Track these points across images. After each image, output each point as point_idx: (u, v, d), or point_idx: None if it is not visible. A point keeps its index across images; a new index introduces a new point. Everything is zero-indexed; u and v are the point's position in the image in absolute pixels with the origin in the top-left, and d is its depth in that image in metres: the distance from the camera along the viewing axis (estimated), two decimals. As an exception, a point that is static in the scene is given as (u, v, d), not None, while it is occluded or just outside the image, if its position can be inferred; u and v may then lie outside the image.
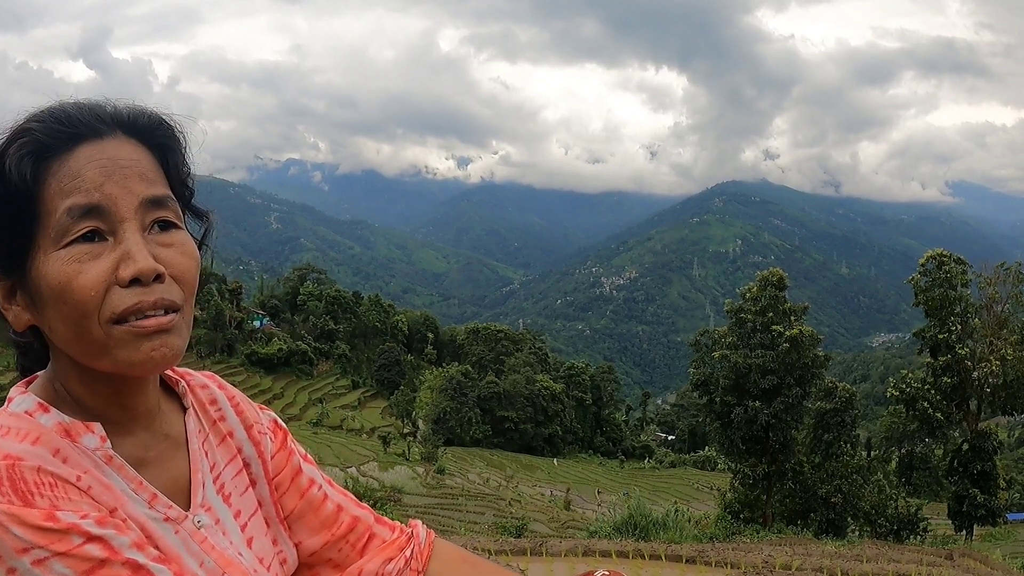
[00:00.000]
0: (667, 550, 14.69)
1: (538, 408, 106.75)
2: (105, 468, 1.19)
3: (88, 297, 1.12)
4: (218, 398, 1.48)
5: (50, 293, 1.15)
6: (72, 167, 1.16)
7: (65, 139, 1.18)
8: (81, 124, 1.19)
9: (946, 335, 38.79)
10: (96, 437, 1.20)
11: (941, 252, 40.28)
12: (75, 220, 1.14)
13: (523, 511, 54.94)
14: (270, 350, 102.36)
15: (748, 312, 41.06)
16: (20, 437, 1.14)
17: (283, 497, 1.49)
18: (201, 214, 1.36)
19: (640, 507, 23.58)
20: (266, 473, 1.48)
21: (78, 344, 1.17)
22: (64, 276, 1.13)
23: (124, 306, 1.14)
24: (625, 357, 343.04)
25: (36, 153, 1.16)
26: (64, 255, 1.13)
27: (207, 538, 1.28)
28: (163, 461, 1.31)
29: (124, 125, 1.24)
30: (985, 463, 38.80)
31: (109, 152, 1.19)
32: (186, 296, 1.21)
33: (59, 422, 1.19)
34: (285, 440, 1.54)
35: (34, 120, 1.19)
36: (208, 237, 1.37)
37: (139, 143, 1.24)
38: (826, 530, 36.67)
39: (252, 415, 1.51)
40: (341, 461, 67.46)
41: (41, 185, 1.16)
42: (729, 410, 40.43)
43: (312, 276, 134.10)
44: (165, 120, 1.29)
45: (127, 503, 1.19)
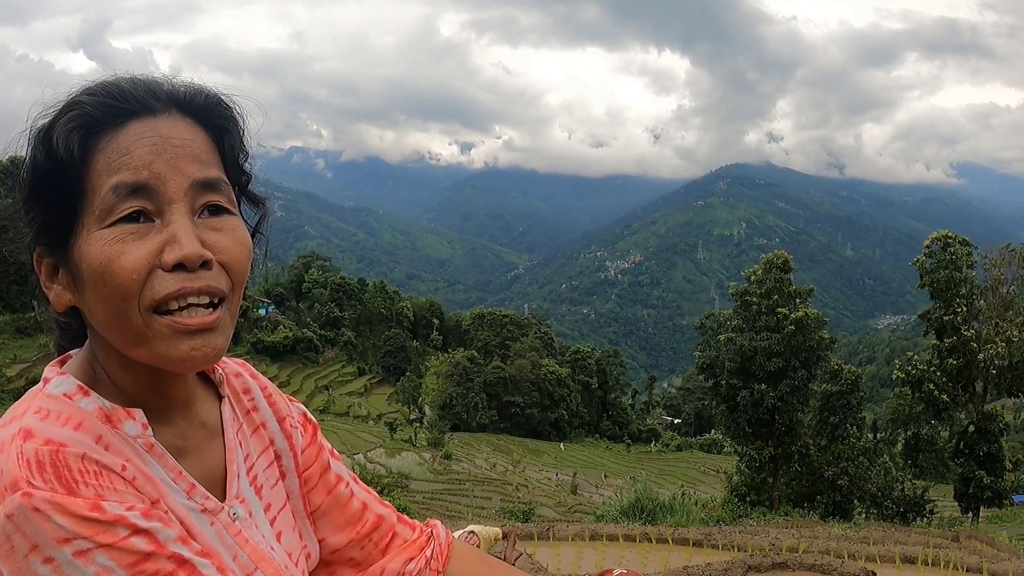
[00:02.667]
0: (674, 533, 14.73)
1: (544, 393, 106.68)
2: (146, 456, 1.16)
3: (129, 280, 1.09)
4: (251, 387, 1.45)
5: (91, 274, 1.11)
6: (121, 143, 1.13)
7: (116, 114, 1.14)
8: (134, 100, 1.15)
9: (952, 317, 38.72)
10: (138, 424, 1.17)
11: (946, 234, 40.18)
12: (121, 198, 1.10)
13: (530, 496, 54.98)
14: (276, 338, 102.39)
15: (753, 295, 41.01)
16: (62, 421, 1.10)
17: (311, 492, 1.47)
18: (258, 200, 1.33)
19: (647, 491, 23.65)
20: (296, 467, 1.45)
21: (116, 329, 1.13)
22: (106, 256, 1.09)
23: (166, 291, 1.10)
24: (630, 341, 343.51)
25: (85, 127, 1.13)
26: (107, 234, 1.10)
27: (241, 531, 1.26)
28: (200, 451, 1.28)
29: (180, 103, 1.19)
30: (991, 445, 38.75)
31: (161, 130, 1.15)
32: (234, 285, 1.17)
33: (100, 407, 1.16)
34: (315, 434, 1.52)
35: (86, 93, 1.15)
36: (263, 225, 1.34)
37: (195, 123, 1.20)
38: (832, 512, 36.68)
39: (284, 407, 1.49)
40: (348, 448, 67.46)
41: (89, 160, 1.13)
42: (735, 393, 40.41)
43: (317, 263, 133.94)
44: (224, 100, 1.25)
45: (168, 494, 1.16)
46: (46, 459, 1.04)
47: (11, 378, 67.86)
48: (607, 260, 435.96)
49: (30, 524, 1.00)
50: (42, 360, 55.44)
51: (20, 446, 1.06)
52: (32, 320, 76.96)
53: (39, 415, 1.12)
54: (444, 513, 38.23)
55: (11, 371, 69.94)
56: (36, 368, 69.27)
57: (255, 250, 1.27)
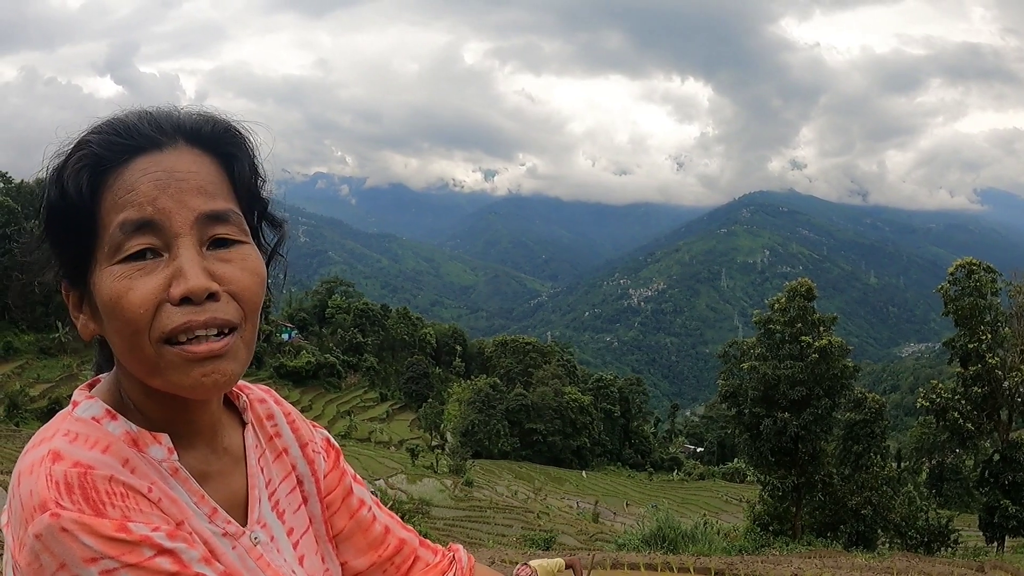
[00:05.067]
0: (696, 563, 14.69)
1: (566, 420, 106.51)
2: (171, 480, 1.19)
3: (137, 314, 1.11)
4: (275, 414, 1.48)
5: (104, 308, 1.14)
6: (127, 180, 1.15)
7: (122, 151, 1.16)
8: (139, 135, 1.17)
9: (976, 344, 38.49)
10: (163, 448, 1.20)
11: (970, 260, 40.02)
12: (128, 235, 1.13)
13: (551, 524, 54.87)
14: (298, 363, 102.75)
15: (776, 323, 40.95)
16: (90, 444, 1.13)
17: (333, 517, 1.49)
18: (277, 223, 1.34)
19: (669, 519, 23.59)
20: (318, 491, 1.47)
21: (132, 359, 1.16)
22: (115, 292, 1.12)
23: (173, 325, 1.12)
24: (653, 369, 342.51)
25: (93, 166, 1.15)
26: (117, 271, 1.13)
27: (263, 555, 1.28)
28: (223, 476, 1.31)
29: (187, 134, 1.21)
30: (1017, 474, 38.41)
31: (166, 164, 1.17)
32: (246, 314, 1.19)
33: (127, 431, 1.19)
34: (338, 460, 1.54)
35: (93, 132, 1.18)
36: (280, 247, 1.35)
37: (203, 153, 1.21)
38: (856, 542, 36.46)
39: (307, 433, 1.51)
40: (369, 474, 67.48)
41: (98, 199, 1.15)
42: (758, 421, 40.28)
43: (340, 289, 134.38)
44: (233, 127, 1.26)
45: (191, 517, 1.18)
46: (74, 481, 1.06)
47: (34, 398, 68.24)
48: (630, 288, 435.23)
49: (58, 544, 1.02)
50: (65, 380, 55.52)
51: (49, 467, 1.08)
52: (56, 341, 77.48)
53: (67, 438, 1.14)
54: (464, 540, 38.14)
55: (34, 391, 70.33)
56: (59, 388, 69.79)
57: (275, 272, 1.32)
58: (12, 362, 76.74)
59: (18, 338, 79.95)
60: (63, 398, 66.84)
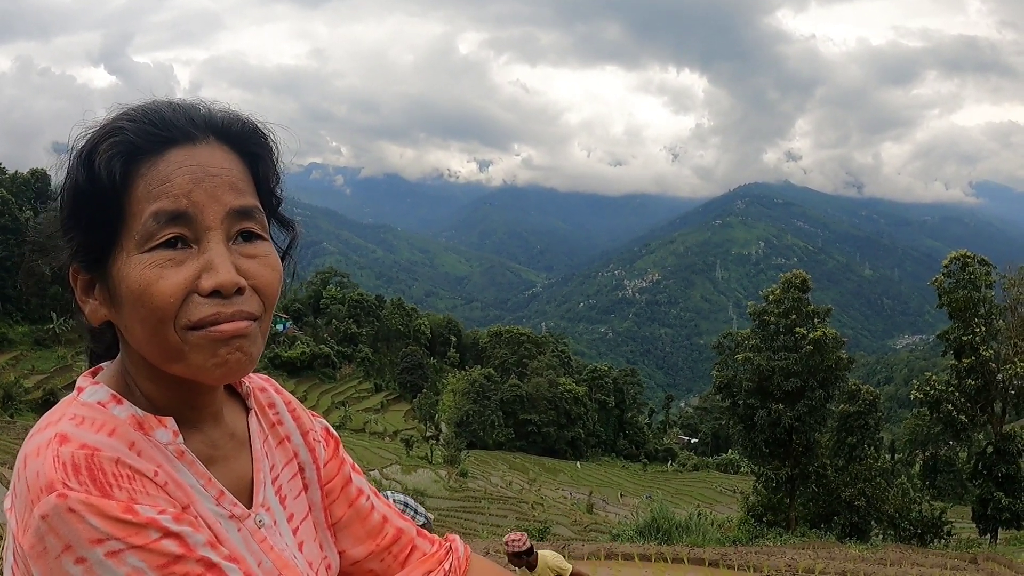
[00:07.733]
0: (690, 553, 14.72)
1: (561, 411, 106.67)
2: (176, 463, 1.20)
3: (167, 304, 1.12)
4: (276, 401, 1.50)
5: (129, 295, 1.14)
6: (162, 171, 1.16)
7: (157, 141, 1.17)
8: (174, 127, 1.18)
9: (970, 337, 38.53)
10: (169, 432, 1.21)
11: (965, 253, 40.03)
12: (161, 225, 1.14)
13: (546, 514, 54.98)
14: (293, 353, 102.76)
15: (771, 314, 40.95)
16: (96, 428, 1.14)
17: (332, 505, 1.50)
18: (287, 224, 1.36)
19: (663, 510, 23.66)
20: (319, 479, 1.48)
21: (153, 347, 1.16)
22: (145, 280, 1.13)
23: (201, 316, 1.13)
24: (648, 360, 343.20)
25: (126, 154, 1.15)
26: (146, 259, 1.14)
27: (267, 538, 1.29)
28: (229, 460, 1.32)
29: (217, 131, 1.23)
30: (1010, 466, 38.52)
31: (200, 158, 1.18)
32: (265, 308, 1.21)
33: (132, 414, 1.19)
34: (337, 448, 1.55)
35: (127, 119, 1.18)
36: (293, 248, 1.37)
37: (231, 150, 1.23)
38: (849, 533, 36.55)
39: (307, 421, 1.53)
40: (364, 464, 67.37)
41: (129, 186, 1.16)
42: (752, 413, 40.32)
43: (335, 280, 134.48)
44: (259, 128, 1.29)
45: (197, 500, 1.20)
46: (81, 462, 1.07)
47: (29, 389, 68.22)
48: (625, 279, 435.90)
49: (64, 525, 1.03)
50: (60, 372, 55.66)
51: (56, 450, 1.09)
52: (50, 332, 77.39)
53: (74, 421, 1.15)
54: (459, 530, 38.22)
55: (29, 382, 70.28)
56: (54, 379, 69.79)
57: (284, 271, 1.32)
58: (7, 353, 76.73)
59: (12, 329, 79.97)
60: (58, 389, 67.19)
